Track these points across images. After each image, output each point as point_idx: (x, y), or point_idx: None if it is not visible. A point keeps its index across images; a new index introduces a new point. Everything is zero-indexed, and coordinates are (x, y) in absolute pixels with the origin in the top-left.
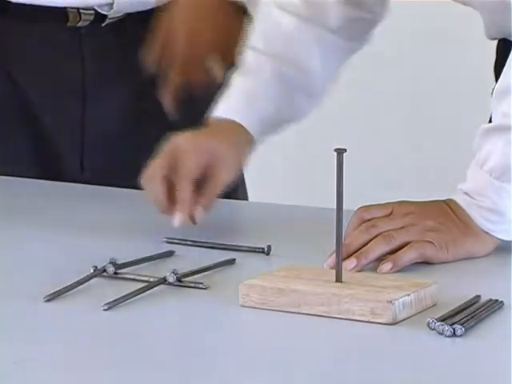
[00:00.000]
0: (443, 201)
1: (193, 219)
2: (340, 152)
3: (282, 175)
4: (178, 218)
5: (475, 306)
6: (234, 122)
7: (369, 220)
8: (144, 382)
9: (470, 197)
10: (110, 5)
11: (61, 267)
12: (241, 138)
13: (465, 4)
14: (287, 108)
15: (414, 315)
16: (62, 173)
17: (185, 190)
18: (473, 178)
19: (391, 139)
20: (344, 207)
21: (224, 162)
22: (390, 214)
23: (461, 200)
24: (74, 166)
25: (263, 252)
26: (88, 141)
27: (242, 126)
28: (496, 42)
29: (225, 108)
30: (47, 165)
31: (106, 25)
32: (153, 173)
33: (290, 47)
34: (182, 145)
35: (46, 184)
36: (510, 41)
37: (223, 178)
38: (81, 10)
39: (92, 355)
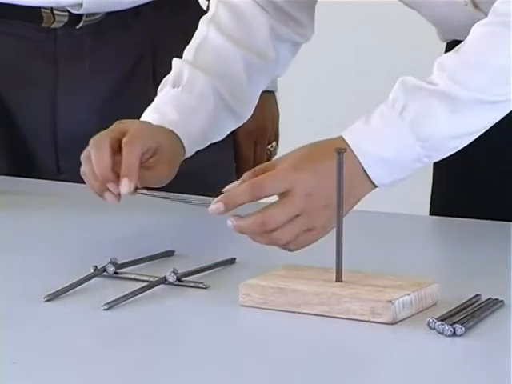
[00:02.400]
0: (338, 151)
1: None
2: (340, 152)
3: None
4: (125, 185)
5: (475, 306)
6: (171, 133)
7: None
8: (144, 382)
9: (373, 138)
10: (81, 4)
11: (61, 267)
12: (175, 147)
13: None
14: (212, 126)
15: (414, 315)
16: (39, 173)
17: (133, 155)
18: (385, 120)
19: None
20: None
21: (167, 157)
22: (287, 193)
23: (362, 143)
24: (50, 167)
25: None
26: (61, 142)
27: (177, 137)
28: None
29: (159, 118)
30: (23, 165)
31: (82, 27)
32: (99, 138)
33: (218, 64)
34: (133, 125)
35: (41, 183)
36: (459, 42)
37: (162, 171)
38: (54, 11)
39: (92, 355)
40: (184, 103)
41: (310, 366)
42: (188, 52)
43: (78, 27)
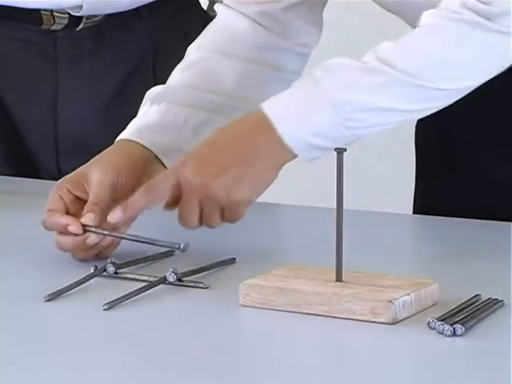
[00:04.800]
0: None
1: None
2: (340, 152)
3: (281, 175)
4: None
5: (475, 306)
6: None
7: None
8: (144, 382)
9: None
10: (80, 7)
11: (61, 267)
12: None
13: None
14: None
15: (414, 315)
16: (39, 175)
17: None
18: (299, 88)
19: (391, 138)
20: (344, 207)
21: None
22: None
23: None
24: (51, 169)
25: (179, 249)
26: (62, 143)
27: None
28: None
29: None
30: (24, 166)
31: (82, 29)
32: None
33: (204, 76)
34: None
35: (42, 183)
36: None
37: None
38: (54, 13)
39: (92, 355)
40: (167, 119)
41: (310, 366)
42: (173, 74)
43: (78, 29)
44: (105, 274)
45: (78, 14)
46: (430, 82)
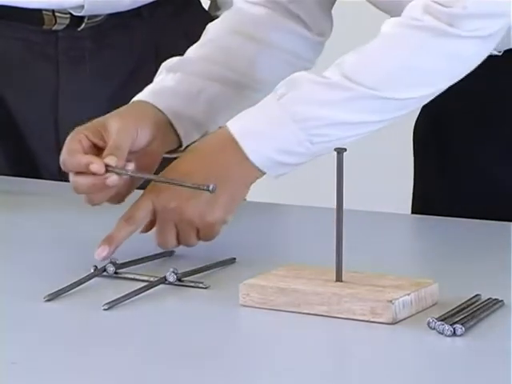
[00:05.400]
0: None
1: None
2: (340, 152)
3: None
4: (111, 160)
5: (475, 306)
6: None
7: None
8: (144, 382)
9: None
10: (82, 6)
11: (61, 267)
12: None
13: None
14: (213, 108)
15: (414, 315)
16: (40, 175)
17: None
18: (263, 106)
19: (391, 138)
20: (344, 207)
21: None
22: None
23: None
24: (52, 169)
25: (208, 190)
26: (63, 143)
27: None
28: None
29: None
30: (25, 167)
31: (83, 29)
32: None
33: (220, 52)
34: (113, 124)
35: (42, 183)
36: None
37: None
38: (56, 13)
39: (92, 355)
40: (183, 88)
41: (310, 366)
42: (190, 49)
43: (79, 29)
44: (105, 273)
45: (79, 14)
46: (394, 93)
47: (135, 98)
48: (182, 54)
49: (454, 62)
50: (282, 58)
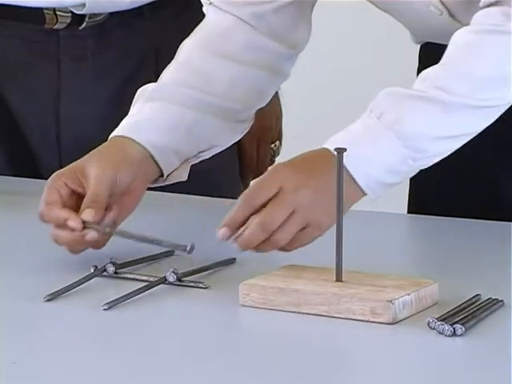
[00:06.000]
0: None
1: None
2: (340, 152)
3: None
4: (88, 214)
5: (475, 306)
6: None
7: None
8: (144, 382)
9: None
10: (84, 5)
11: (61, 267)
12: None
13: (386, 12)
14: (192, 138)
15: (414, 315)
16: (42, 175)
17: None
18: (364, 126)
19: None
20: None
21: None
22: (278, 193)
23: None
24: (53, 168)
25: (185, 251)
26: (64, 142)
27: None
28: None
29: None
30: (26, 166)
31: (84, 28)
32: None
33: (199, 77)
34: (92, 170)
35: (42, 183)
36: (433, 44)
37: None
38: (57, 12)
39: (92, 355)
40: (162, 118)
41: (310, 366)
42: (166, 72)
43: (80, 28)
44: (105, 274)
45: (80, 13)
46: (491, 100)
47: (114, 133)
48: None
49: None
50: (258, 75)
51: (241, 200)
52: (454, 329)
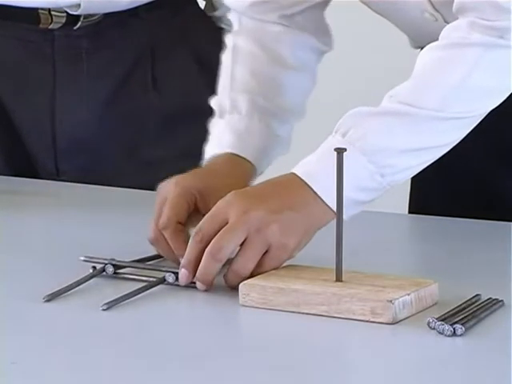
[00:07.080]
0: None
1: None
2: (340, 152)
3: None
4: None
5: (475, 306)
6: (228, 154)
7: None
8: (144, 382)
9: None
10: (79, 5)
11: (60, 267)
12: (238, 167)
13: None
14: (269, 137)
15: (414, 315)
16: (38, 176)
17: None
18: (329, 145)
19: None
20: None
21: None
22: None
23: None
24: (50, 169)
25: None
26: (60, 143)
27: (238, 156)
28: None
29: (216, 145)
30: (22, 167)
31: (79, 28)
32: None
33: (255, 80)
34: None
35: (41, 183)
36: None
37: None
38: (52, 12)
39: (92, 355)
40: (234, 128)
41: (309, 366)
42: (223, 82)
43: (75, 28)
44: (104, 274)
45: (75, 13)
46: (458, 112)
47: (224, 150)
48: (178, 54)
49: (510, 71)
50: (307, 78)
51: (192, 237)
52: (454, 329)
